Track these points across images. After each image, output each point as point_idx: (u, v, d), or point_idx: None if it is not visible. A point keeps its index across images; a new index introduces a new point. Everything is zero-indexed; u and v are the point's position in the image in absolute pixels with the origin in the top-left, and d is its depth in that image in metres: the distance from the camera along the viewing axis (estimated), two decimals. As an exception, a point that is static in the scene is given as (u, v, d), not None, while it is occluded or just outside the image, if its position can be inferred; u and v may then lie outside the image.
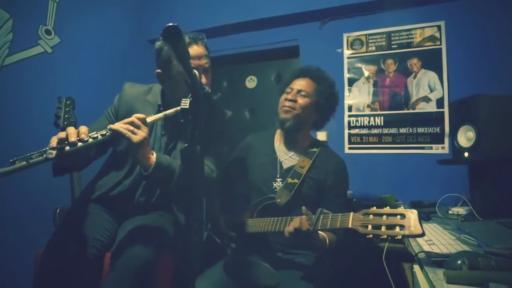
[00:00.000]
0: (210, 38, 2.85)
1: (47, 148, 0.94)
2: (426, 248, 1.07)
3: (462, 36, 2.18)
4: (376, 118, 2.37)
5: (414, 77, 2.28)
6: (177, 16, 2.94)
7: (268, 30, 2.75)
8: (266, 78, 2.98)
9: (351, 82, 2.47)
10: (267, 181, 1.53)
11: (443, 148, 2.18)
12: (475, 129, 1.59)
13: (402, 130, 2.29)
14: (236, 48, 2.87)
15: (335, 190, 1.51)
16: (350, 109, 2.45)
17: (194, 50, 1.25)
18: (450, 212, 1.81)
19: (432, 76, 2.23)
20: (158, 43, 1.28)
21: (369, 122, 2.39)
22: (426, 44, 2.26)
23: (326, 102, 1.56)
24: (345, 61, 2.49)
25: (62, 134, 0.98)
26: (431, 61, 2.24)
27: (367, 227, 1.03)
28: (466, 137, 1.65)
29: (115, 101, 1.41)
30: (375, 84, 2.39)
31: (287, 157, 1.57)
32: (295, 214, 1.44)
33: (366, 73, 2.42)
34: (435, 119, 2.20)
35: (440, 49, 2.21)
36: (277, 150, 1.60)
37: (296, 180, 1.48)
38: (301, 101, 1.51)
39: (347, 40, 2.49)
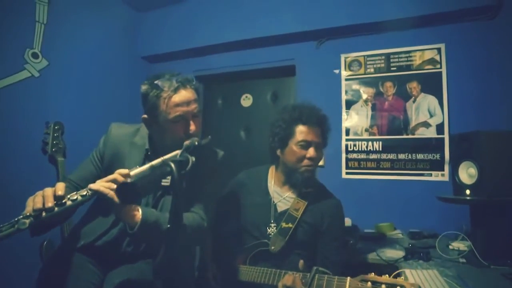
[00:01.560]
0: (205, 55, 2.85)
1: (20, 217, 0.86)
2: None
3: (462, 59, 2.12)
4: (375, 142, 2.30)
5: (414, 101, 2.22)
6: (170, 33, 2.87)
7: (264, 49, 2.69)
8: (262, 97, 2.91)
9: (349, 104, 2.41)
10: (261, 225, 1.46)
11: (442, 175, 2.12)
12: (477, 166, 1.53)
13: (401, 156, 2.23)
14: (231, 66, 2.81)
15: (332, 233, 1.44)
16: (347, 132, 2.39)
17: (182, 95, 1.18)
18: (450, 247, 1.76)
19: (432, 100, 2.17)
20: (144, 87, 1.20)
21: (367, 146, 2.32)
22: (426, 67, 2.19)
23: (327, 138, 1.51)
24: (343, 82, 2.43)
25: (38, 203, 0.90)
26: (431, 84, 2.17)
27: (364, 294, 0.96)
28: (468, 173, 1.59)
29: (100, 144, 1.34)
30: (373, 108, 2.33)
31: (281, 199, 1.51)
32: (289, 261, 1.39)
33: (364, 96, 2.35)
34: (435, 145, 2.14)
35: (440, 72, 2.15)
36: (271, 191, 1.53)
37: (290, 225, 1.41)
38: (320, 154, 1.46)
39: (345, 61, 2.42)
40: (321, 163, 2.24)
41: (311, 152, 1.41)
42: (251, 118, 2.93)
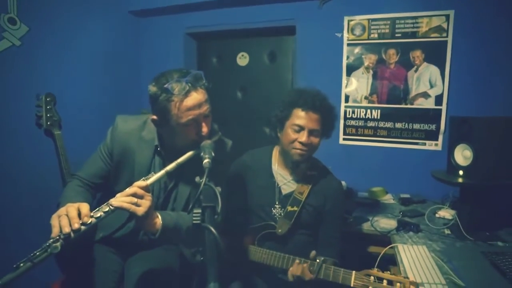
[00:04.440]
0: (199, 11, 2.63)
1: (50, 241, 0.90)
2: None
3: (471, 29, 2.05)
4: (373, 111, 2.33)
5: (416, 71, 2.19)
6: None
7: (263, 7, 2.50)
8: (259, 56, 2.79)
9: (350, 70, 2.36)
10: (265, 206, 1.55)
11: (436, 145, 2.21)
12: (472, 149, 1.60)
13: (398, 125, 2.28)
14: (227, 24, 2.62)
15: (333, 214, 1.55)
16: (347, 99, 2.38)
17: (194, 98, 1.14)
18: (437, 215, 1.93)
19: (434, 70, 2.14)
20: (153, 89, 1.15)
21: (365, 114, 2.35)
22: (432, 35, 2.12)
23: (332, 128, 1.52)
24: (345, 47, 2.34)
25: (66, 226, 0.92)
26: (434, 54, 2.13)
27: (367, 287, 1.10)
28: (463, 155, 1.67)
29: (108, 139, 1.32)
30: (374, 75, 2.29)
31: (286, 182, 1.57)
32: (294, 240, 1.51)
33: (366, 62, 2.30)
34: (431, 116, 2.18)
35: (446, 41, 2.09)
36: (275, 173, 1.59)
37: (295, 208, 1.50)
38: (314, 141, 1.46)
39: (348, 24, 2.30)
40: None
41: (302, 136, 1.42)
42: (248, 77, 2.85)
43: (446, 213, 1.90)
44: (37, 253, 0.88)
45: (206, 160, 1.02)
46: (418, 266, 1.36)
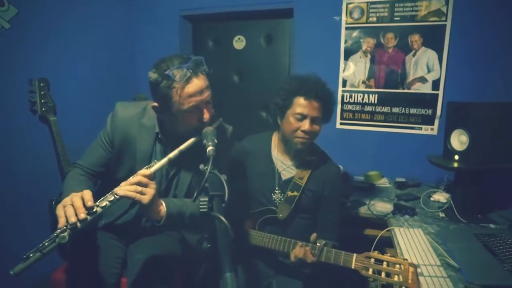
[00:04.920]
0: None
1: (57, 231, 0.90)
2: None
3: (470, 14, 2.03)
4: (371, 95, 2.33)
5: (413, 55, 2.19)
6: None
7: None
8: (256, 39, 2.75)
9: (347, 54, 2.34)
10: (266, 191, 1.57)
11: (432, 129, 2.23)
12: (468, 134, 1.63)
13: (395, 110, 2.29)
14: (223, 7, 2.56)
15: (332, 198, 1.58)
16: (344, 84, 2.38)
17: (195, 84, 1.13)
18: (431, 199, 1.98)
19: (432, 55, 2.14)
20: (153, 76, 1.13)
21: (363, 99, 2.35)
22: (431, 19, 2.11)
23: (332, 113, 1.53)
24: (343, 30, 2.31)
25: (72, 216, 0.92)
26: (433, 38, 2.12)
27: (368, 269, 1.13)
28: (459, 140, 1.70)
29: (108, 127, 1.30)
30: (372, 60, 2.28)
31: (285, 167, 1.58)
32: (294, 225, 1.55)
33: (364, 46, 2.28)
34: (428, 101, 2.20)
35: (445, 25, 2.08)
36: (275, 159, 1.60)
37: (296, 193, 1.52)
38: (316, 129, 1.46)
39: (347, 7, 2.27)
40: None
41: (305, 125, 1.43)
42: (245, 61, 2.81)
43: (440, 197, 1.95)
44: (46, 243, 0.88)
45: (210, 148, 1.02)
46: (414, 248, 1.41)
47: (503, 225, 1.63)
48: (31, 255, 0.86)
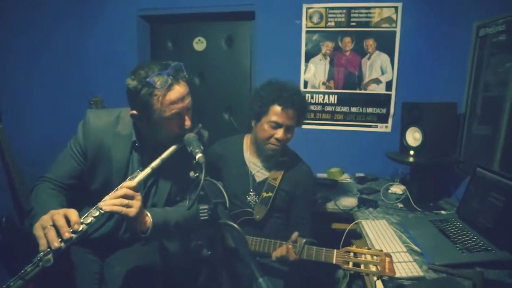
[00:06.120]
0: None
1: (40, 254, 0.83)
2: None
3: (416, 21, 2.24)
4: (331, 96, 2.46)
5: (368, 58, 2.35)
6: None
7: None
8: (216, 40, 2.73)
9: (308, 56, 2.44)
10: (240, 194, 1.59)
11: (386, 127, 2.43)
12: (422, 131, 1.81)
13: (353, 109, 2.45)
14: (182, 8, 2.50)
15: (304, 197, 1.64)
16: (306, 85, 2.48)
17: (177, 91, 1.11)
18: (389, 191, 2.15)
19: (385, 58, 2.33)
20: (132, 83, 1.08)
21: (323, 99, 2.47)
22: (383, 25, 2.28)
23: (304, 119, 1.58)
24: (303, 34, 2.41)
25: (55, 240, 0.85)
26: (385, 43, 2.31)
27: (348, 263, 1.21)
28: (413, 137, 1.88)
29: (79, 136, 1.21)
30: (331, 62, 2.41)
31: (258, 169, 1.62)
32: (269, 224, 1.59)
33: (324, 49, 2.40)
34: (383, 101, 2.38)
35: (395, 32, 2.27)
36: (248, 161, 1.62)
37: (270, 194, 1.57)
38: (289, 136, 1.52)
39: (307, 12, 2.36)
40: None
41: (279, 133, 1.48)
42: (205, 63, 2.78)
43: (397, 189, 2.12)
44: (28, 269, 0.81)
45: (199, 155, 1.01)
46: (382, 238, 1.53)
47: (451, 210, 1.83)
48: (11, 284, 0.79)
